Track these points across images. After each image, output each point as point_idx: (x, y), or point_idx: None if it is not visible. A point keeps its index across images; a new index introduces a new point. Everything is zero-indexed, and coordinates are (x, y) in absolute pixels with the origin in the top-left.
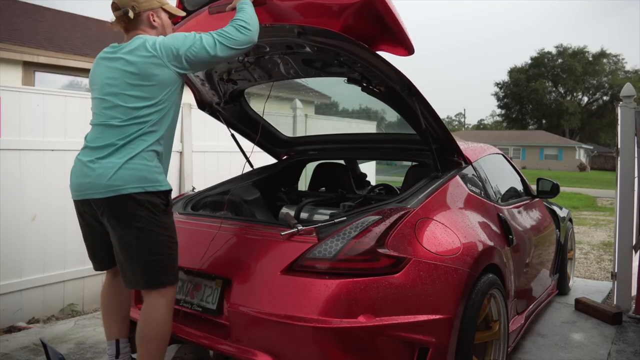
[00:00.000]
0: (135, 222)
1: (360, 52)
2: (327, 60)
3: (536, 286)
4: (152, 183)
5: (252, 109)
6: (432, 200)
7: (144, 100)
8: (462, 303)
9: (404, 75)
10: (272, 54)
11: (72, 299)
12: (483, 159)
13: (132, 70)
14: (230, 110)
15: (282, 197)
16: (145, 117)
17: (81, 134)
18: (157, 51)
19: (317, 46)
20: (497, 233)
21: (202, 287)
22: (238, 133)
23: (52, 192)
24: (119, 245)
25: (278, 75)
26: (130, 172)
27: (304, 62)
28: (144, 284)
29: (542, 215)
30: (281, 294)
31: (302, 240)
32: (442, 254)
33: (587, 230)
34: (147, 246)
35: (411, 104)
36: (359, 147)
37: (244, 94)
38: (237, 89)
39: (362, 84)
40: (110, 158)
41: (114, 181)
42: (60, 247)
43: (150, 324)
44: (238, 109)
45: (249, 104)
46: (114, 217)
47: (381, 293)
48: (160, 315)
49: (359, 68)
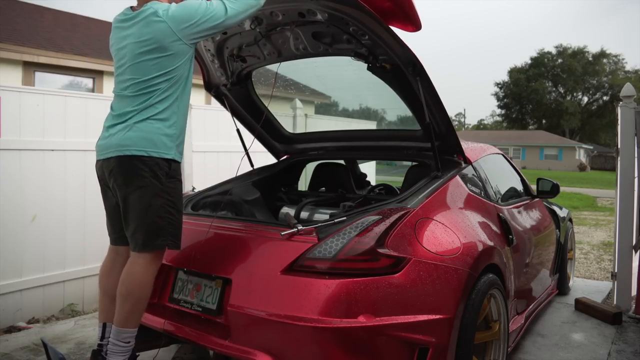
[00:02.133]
0: (138, 182)
1: (370, 21)
2: (336, 34)
3: (536, 286)
4: (157, 149)
5: (257, 96)
6: (432, 200)
7: (154, 70)
8: (462, 303)
9: (410, 50)
10: (284, 27)
11: (72, 299)
12: (483, 159)
13: (142, 40)
14: (236, 93)
15: (282, 197)
16: (155, 87)
17: (81, 134)
18: (167, 21)
19: (328, 12)
20: (497, 233)
21: (202, 287)
22: (240, 122)
23: (52, 192)
24: (123, 206)
25: (287, 53)
26: (139, 134)
27: (313, 36)
28: (141, 246)
29: (542, 215)
30: (281, 294)
31: (302, 240)
32: (442, 254)
33: (587, 230)
34: (146, 207)
35: (415, 89)
36: (359, 145)
37: (252, 77)
38: (245, 68)
39: (368, 59)
40: (124, 123)
41: (122, 141)
42: (60, 247)
43: (128, 282)
44: (244, 92)
45: (255, 90)
46: (120, 176)
47: (381, 293)
48: (140, 275)
49: (367, 41)
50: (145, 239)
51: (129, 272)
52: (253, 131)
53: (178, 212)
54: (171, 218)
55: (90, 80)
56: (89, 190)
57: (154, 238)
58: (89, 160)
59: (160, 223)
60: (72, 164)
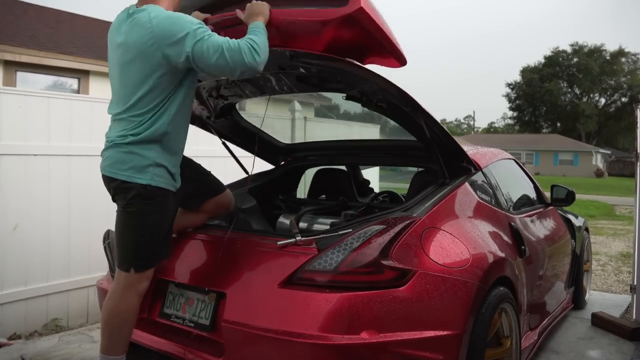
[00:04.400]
0: (118, 201)
1: (358, 71)
2: (324, 77)
3: (550, 300)
4: (137, 174)
5: (245, 121)
6: (439, 209)
7: (139, 88)
8: (472, 318)
9: (407, 93)
10: (265, 73)
11: (56, 313)
12: (493, 165)
13: (127, 53)
14: (222, 124)
15: (279, 206)
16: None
17: (67, 138)
18: (152, 29)
19: (311, 68)
20: (508, 243)
21: (195, 302)
22: (236, 145)
23: (34, 200)
24: None
25: (271, 92)
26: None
27: (298, 79)
28: (118, 264)
29: (556, 225)
30: (279, 309)
31: (301, 252)
32: (450, 265)
33: (604, 240)
34: (122, 227)
35: (415, 118)
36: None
37: (236, 107)
38: (228, 103)
39: (362, 100)
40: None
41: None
42: (43, 258)
43: (106, 306)
44: (230, 122)
45: (241, 117)
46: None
47: (385, 307)
48: (115, 300)
49: (358, 86)
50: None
51: (109, 296)
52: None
53: (153, 234)
54: (142, 241)
55: (75, 80)
56: (74, 198)
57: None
58: (74, 166)
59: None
60: (56, 170)
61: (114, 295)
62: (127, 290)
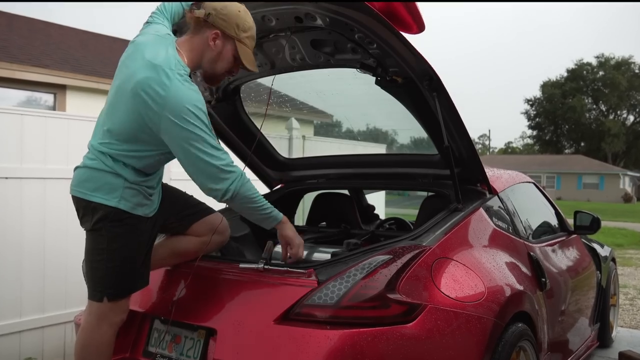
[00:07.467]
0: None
1: (379, 27)
2: (339, 42)
3: (573, 337)
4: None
5: (247, 115)
6: (451, 237)
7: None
8: (487, 357)
9: (426, 60)
10: (278, 33)
11: (30, 352)
12: (511, 189)
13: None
14: (222, 110)
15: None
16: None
17: (41, 159)
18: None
19: (330, 16)
20: (527, 275)
21: (182, 339)
22: (227, 145)
23: (5, 226)
24: None
25: (282, 64)
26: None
27: (312, 44)
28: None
29: (580, 255)
30: (275, 347)
31: (300, 284)
32: (463, 299)
33: (632, 272)
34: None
35: (432, 106)
36: (365, 173)
37: (240, 92)
38: (233, 82)
39: (376, 71)
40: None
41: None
42: (15, 292)
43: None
44: (232, 109)
45: (243, 107)
46: None
47: (392, 346)
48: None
49: (375, 50)
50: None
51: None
52: (243, 157)
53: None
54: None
55: (51, 96)
56: (49, 226)
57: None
58: (49, 191)
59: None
60: (29, 194)
61: (86, 327)
62: (100, 321)
